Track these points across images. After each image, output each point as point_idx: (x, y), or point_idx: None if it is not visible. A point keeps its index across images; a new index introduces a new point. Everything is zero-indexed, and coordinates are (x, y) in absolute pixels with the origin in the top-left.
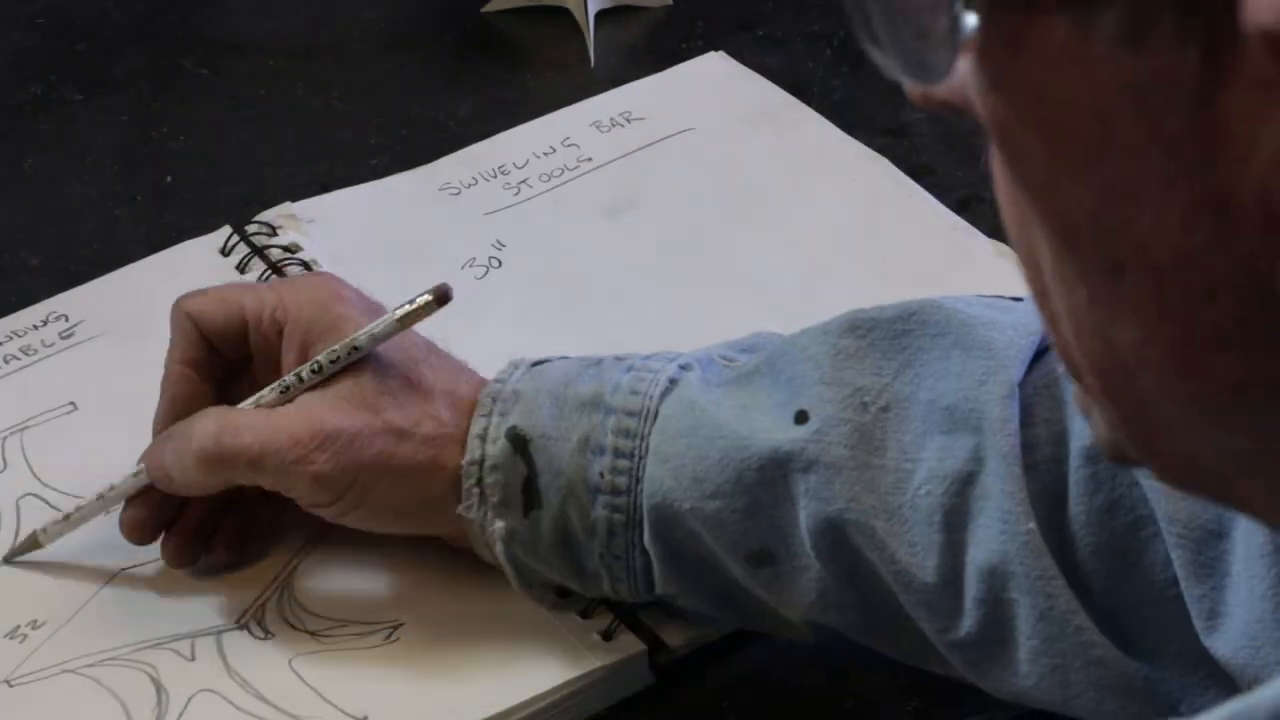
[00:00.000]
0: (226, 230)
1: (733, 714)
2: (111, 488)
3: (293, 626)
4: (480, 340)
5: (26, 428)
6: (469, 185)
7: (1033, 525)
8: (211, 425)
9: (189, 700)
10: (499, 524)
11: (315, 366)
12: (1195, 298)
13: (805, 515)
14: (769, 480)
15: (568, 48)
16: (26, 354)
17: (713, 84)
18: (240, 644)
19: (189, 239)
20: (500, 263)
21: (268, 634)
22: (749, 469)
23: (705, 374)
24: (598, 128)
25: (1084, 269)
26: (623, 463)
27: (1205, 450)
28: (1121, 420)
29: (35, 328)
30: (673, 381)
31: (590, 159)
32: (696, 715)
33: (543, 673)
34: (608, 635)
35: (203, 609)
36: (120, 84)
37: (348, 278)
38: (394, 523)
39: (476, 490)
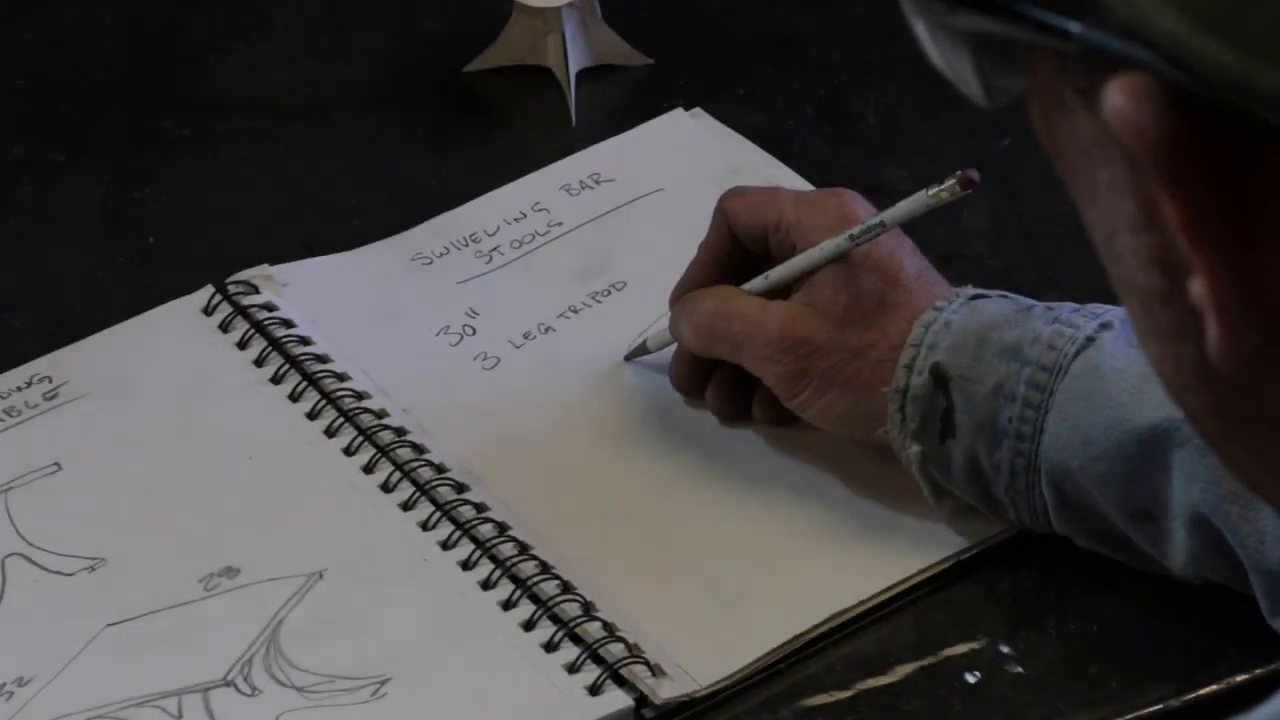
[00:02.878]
0: (209, 290)
1: None
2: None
3: (279, 683)
4: (454, 407)
5: (11, 489)
6: (440, 254)
7: None
8: (710, 305)
9: None
10: (915, 447)
11: (852, 234)
12: (1166, 334)
13: (1176, 488)
14: (1150, 452)
15: (549, 107)
16: (10, 415)
17: (682, 142)
18: (227, 701)
19: (171, 299)
20: (474, 330)
21: (255, 690)
22: (1130, 440)
23: (1124, 333)
24: (567, 191)
25: (1113, 283)
26: (1029, 413)
27: (1237, 457)
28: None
29: (19, 389)
30: (1089, 340)
31: (560, 223)
32: None
33: None
34: (595, 690)
35: (189, 665)
36: (102, 145)
37: (323, 340)
38: (838, 427)
39: (899, 415)
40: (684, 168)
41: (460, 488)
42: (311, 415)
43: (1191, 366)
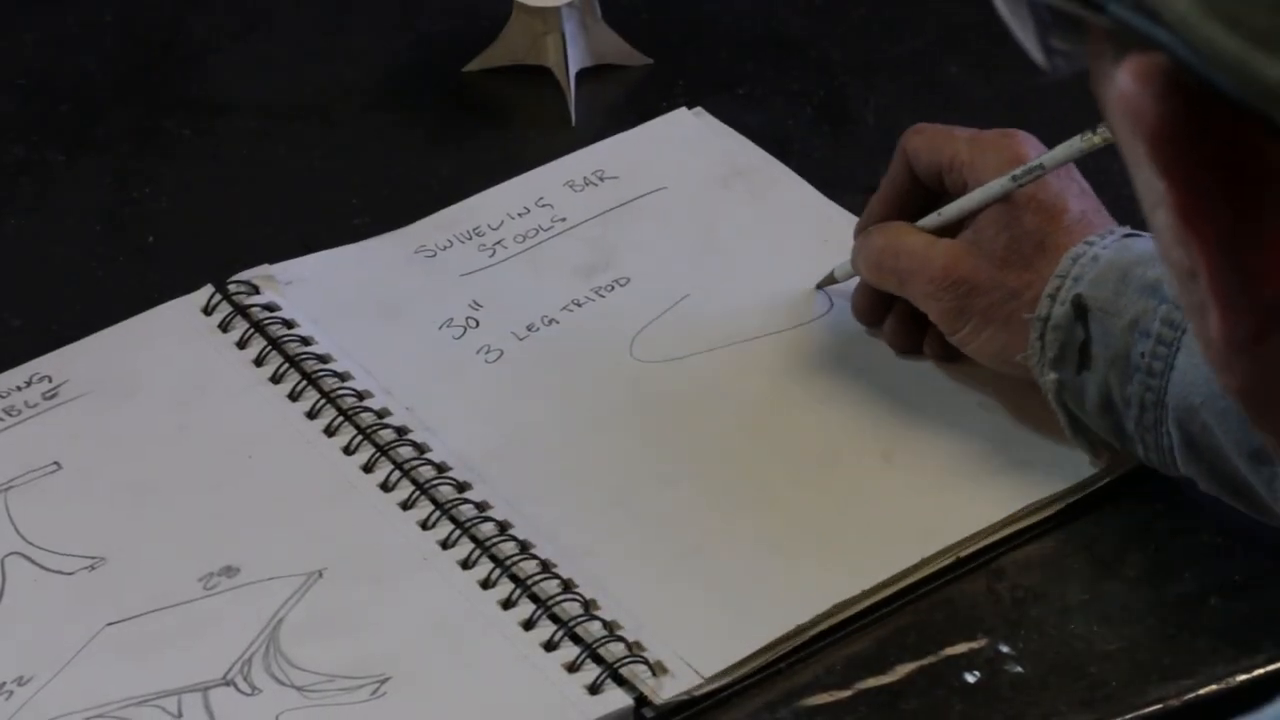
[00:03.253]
0: (209, 289)
1: None
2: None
3: (279, 682)
4: (456, 401)
5: (11, 487)
6: (445, 247)
7: None
8: (881, 241)
9: None
10: (1051, 375)
11: (1015, 175)
12: (1194, 311)
13: None
14: None
15: (549, 107)
16: (10, 414)
17: (685, 141)
18: (227, 701)
19: (171, 299)
20: (477, 323)
21: (254, 690)
22: None
23: None
24: (571, 187)
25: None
26: (1161, 349)
27: (1269, 438)
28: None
29: (18, 389)
30: None
31: (564, 219)
32: None
33: None
34: (594, 689)
35: (189, 664)
36: (102, 145)
37: (325, 339)
38: (996, 363)
39: (1039, 343)
40: (686, 166)
41: (461, 486)
42: (311, 414)
43: (1212, 346)
